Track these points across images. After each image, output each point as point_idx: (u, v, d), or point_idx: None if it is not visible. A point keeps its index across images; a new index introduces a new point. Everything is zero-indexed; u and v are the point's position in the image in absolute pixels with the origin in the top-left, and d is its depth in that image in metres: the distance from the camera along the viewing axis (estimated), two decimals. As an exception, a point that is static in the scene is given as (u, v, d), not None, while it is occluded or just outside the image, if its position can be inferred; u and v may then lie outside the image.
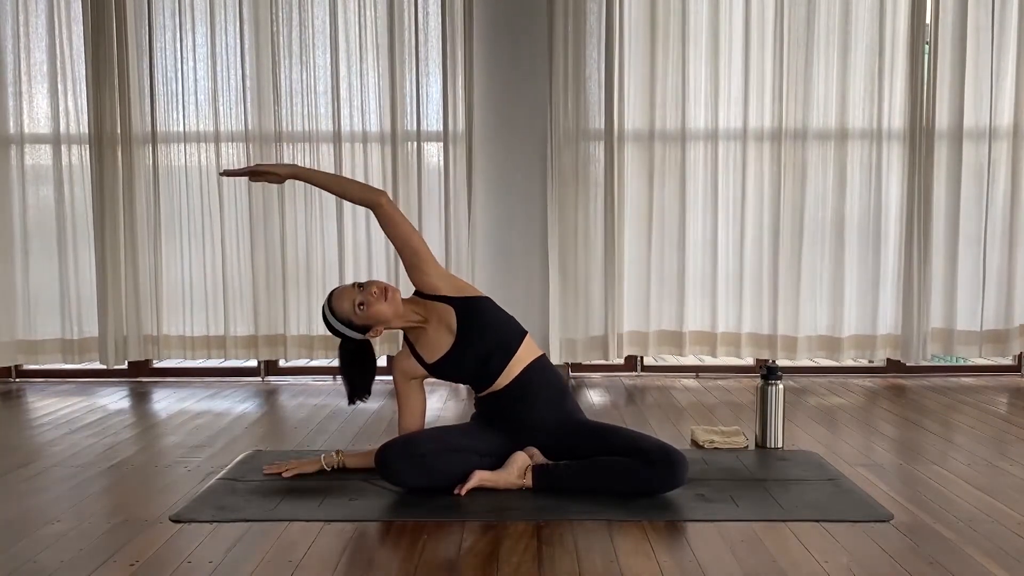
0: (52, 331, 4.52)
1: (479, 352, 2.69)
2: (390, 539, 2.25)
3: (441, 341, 2.72)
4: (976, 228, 4.45)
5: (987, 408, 3.85)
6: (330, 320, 2.71)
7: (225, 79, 4.42)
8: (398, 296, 2.70)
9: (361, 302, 2.65)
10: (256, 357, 4.56)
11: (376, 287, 2.66)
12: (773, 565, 2.05)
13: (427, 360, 2.74)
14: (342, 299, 2.68)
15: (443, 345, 2.71)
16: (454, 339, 2.70)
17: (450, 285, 2.74)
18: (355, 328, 2.70)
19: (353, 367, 2.77)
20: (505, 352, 2.69)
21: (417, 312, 2.73)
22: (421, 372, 2.78)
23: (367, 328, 2.69)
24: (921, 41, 4.36)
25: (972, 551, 2.12)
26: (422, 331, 2.74)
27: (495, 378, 2.70)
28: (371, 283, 2.68)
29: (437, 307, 2.72)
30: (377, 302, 2.64)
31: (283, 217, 4.46)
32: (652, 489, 2.52)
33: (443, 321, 2.71)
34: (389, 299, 2.66)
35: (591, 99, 4.38)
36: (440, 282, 2.73)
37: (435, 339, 2.73)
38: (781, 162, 4.43)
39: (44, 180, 4.50)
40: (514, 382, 2.69)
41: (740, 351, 4.52)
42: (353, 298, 2.66)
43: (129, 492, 2.70)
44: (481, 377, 2.73)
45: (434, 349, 2.73)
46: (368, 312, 2.65)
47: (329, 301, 2.72)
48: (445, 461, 2.58)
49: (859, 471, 2.82)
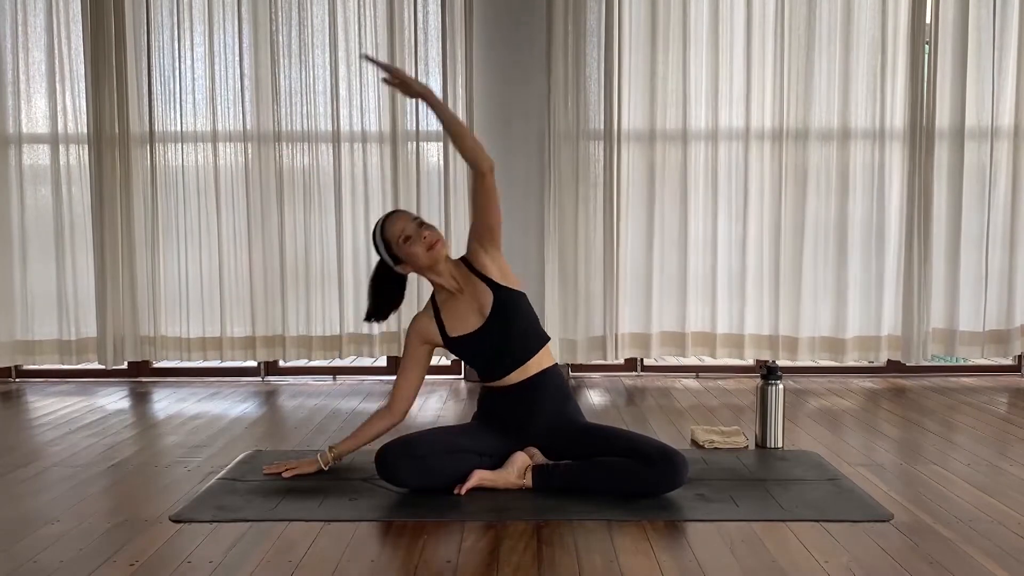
0: (50, 331, 4.52)
1: (500, 344, 2.67)
2: (390, 539, 2.25)
3: (469, 319, 2.70)
4: (977, 228, 4.44)
5: (987, 408, 3.85)
6: (376, 233, 2.71)
7: (224, 79, 4.42)
8: (443, 253, 2.68)
9: (408, 236, 2.64)
10: (254, 358, 4.56)
11: (429, 233, 2.64)
12: (773, 565, 2.04)
13: (448, 332, 2.72)
14: (395, 223, 2.67)
15: (469, 324, 2.70)
16: (482, 323, 2.68)
17: (500, 272, 2.71)
18: (391, 254, 2.69)
19: (380, 287, 2.77)
20: (524, 353, 2.68)
21: (455, 278, 2.71)
22: (436, 340, 2.75)
23: (400, 261, 2.69)
24: (922, 41, 4.36)
25: (972, 551, 2.12)
26: (453, 300, 2.72)
27: (506, 374, 2.69)
28: (428, 227, 2.66)
29: (478, 284, 2.70)
30: (419, 244, 2.63)
31: (282, 217, 4.45)
32: (652, 489, 2.51)
33: (477, 300, 2.69)
34: (432, 250, 2.64)
35: (591, 99, 4.38)
36: (492, 265, 2.71)
37: (464, 314, 2.71)
38: (782, 162, 4.43)
39: (42, 180, 4.50)
40: (523, 383, 2.68)
41: (742, 352, 4.52)
42: (404, 227, 2.65)
43: (129, 492, 2.69)
44: (493, 368, 2.71)
45: (459, 323, 2.71)
46: (406, 248, 2.64)
47: (386, 217, 2.72)
48: (445, 461, 2.57)
49: (859, 471, 2.82)
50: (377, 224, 2.73)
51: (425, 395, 4.18)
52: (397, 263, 2.70)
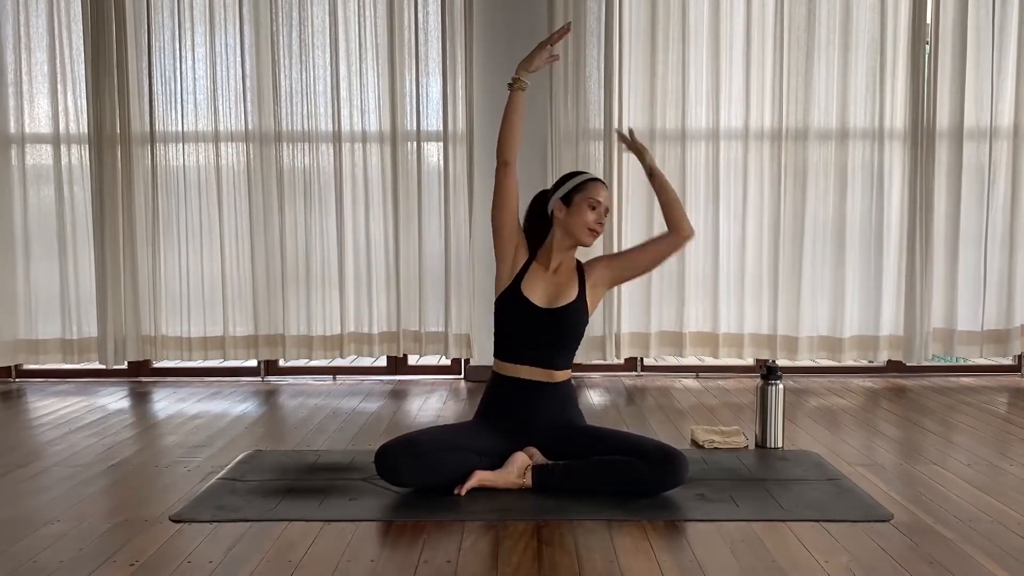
0: (52, 331, 4.52)
1: (537, 335, 2.66)
2: (390, 539, 2.25)
3: (539, 293, 2.67)
4: (977, 228, 4.45)
5: (987, 408, 3.85)
6: (572, 175, 2.72)
7: (224, 79, 4.42)
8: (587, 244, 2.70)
9: (594, 206, 2.65)
10: (256, 357, 4.56)
11: (602, 226, 2.68)
12: (773, 565, 2.05)
13: (522, 279, 2.68)
14: (599, 189, 2.68)
15: (535, 296, 2.66)
16: (543, 307, 2.65)
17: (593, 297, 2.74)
18: (567, 196, 2.68)
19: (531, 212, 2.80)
20: (546, 360, 2.68)
21: (562, 263, 2.70)
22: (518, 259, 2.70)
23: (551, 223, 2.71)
24: (922, 41, 4.36)
25: (972, 551, 2.12)
26: (542, 270, 2.70)
27: (519, 364, 2.67)
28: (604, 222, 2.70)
29: (571, 285, 2.69)
30: (592, 216, 2.65)
31: (282, 216, 4.46)
32: (652, 489, 2.51)
33: (558, 290, 2.68)
34: (590, 234, 2.67)
35: (591, 99, 4.38)
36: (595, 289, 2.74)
37: (540, 286, 2.68)
38: (782, 162, 4.43)
39: (44, 180, 4.50)
40: (535, 384, 2.67)
41: (741, 352, 4.52)
42: (600, 198, 2.67)
43: (129, 492, 2.70)
44: (515, 348, 2.68)
45: (531, 287, 2.67)
46: (584, 209, 2.65)
47: (594, 177, 2.71)
48: (445, 461, 2.57)
49: (859, 471, 2.82)
50: (579, 173, 2.74)
51: (425, 395, 4.19)
52: (560, 202, 2.69)
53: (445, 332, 4.48)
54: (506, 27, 4.38)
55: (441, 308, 4.49)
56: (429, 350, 4.53)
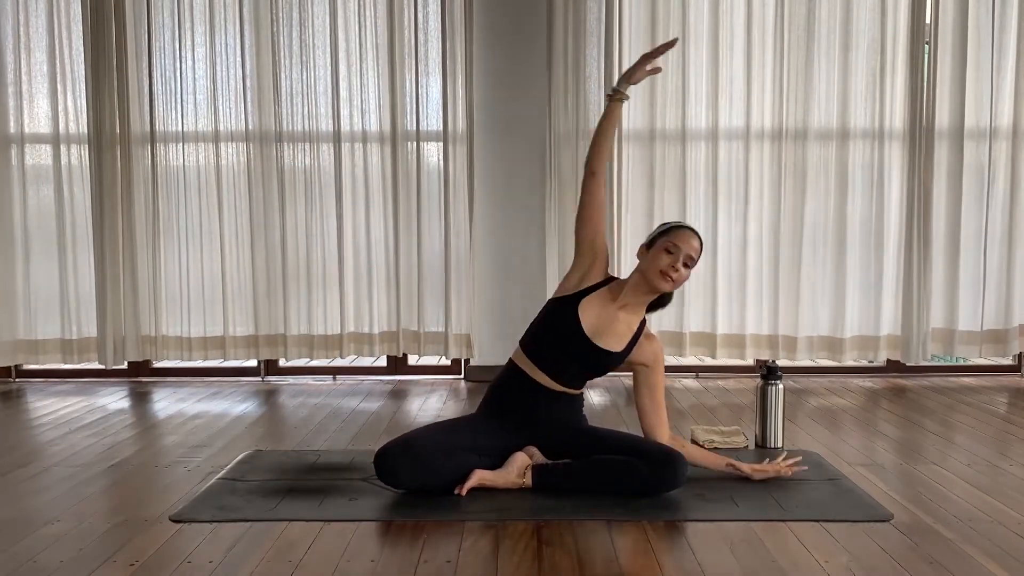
0: (52, 331, 4.52)
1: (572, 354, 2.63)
2: (390, 539, 2.25)
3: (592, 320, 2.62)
4: (976, 228, 4.45)
5: (987, 408, 3.85)
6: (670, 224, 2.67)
7: (225, 79, 4.42)
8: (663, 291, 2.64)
9: (665, 271, 2.57)
10: (256, 357, 4.56)
11: (681, 276, 2.59)
12: (773, 565, 2.05)
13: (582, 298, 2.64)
14: (691, 239, 2.60)
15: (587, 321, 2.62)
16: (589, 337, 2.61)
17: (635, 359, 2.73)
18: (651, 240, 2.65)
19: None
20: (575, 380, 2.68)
21: (627, 306, 2.65)
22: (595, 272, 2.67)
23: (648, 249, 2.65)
24: (921, 41, 4.36)
25: (972, 551, 2.12)
26: (609, 304, 2.65)
27: (546, 372, 2.66)
28: (687, 272, 2.60)
29: (625, 335, 2.66)
30: (671, 263, 2.57)
31: (283, 216, 4.46)
32: (652, 489, 2.52)
33: (612, 331, 2.63)
34: (668, 281, 2.59)
35: (591, 99, 4.38)
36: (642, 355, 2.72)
37: (597, 315, 2.62)
38: (782, 162, 4.43)
39: (44, 180, 4.50)
40: (547, 390, 2.67)
41: (741, 352, 4.52)
42: (688, 249, 2.59)
43: (129, 492, 2.70)
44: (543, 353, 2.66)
45: (589, 309, 2.63)
46: (666, 255, 2.58)
47: (691, 228, 2.64)
48: (444, 461, 2.56)
49: (859, 471, 2.82)
50: (680, 223, 2.69)
51: (425, 395, 4.19)
52: (644, 247, 2.67)
53: (445, 332, 4.48)
54: (506, 27, 4.38)
55: (441, 308, 4.49)
56: (429, 350, 4.53)
